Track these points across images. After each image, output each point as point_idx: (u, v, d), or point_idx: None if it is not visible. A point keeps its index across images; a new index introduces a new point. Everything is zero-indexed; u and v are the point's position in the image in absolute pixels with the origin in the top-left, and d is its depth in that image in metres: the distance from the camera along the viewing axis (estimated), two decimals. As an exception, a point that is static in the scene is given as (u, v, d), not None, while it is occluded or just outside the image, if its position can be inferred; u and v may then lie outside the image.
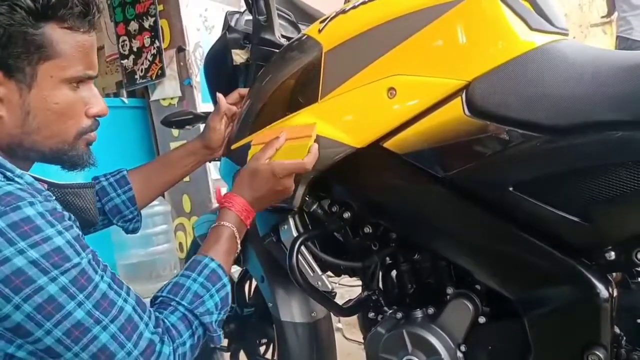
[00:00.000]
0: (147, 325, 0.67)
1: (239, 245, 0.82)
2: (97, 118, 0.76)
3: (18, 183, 0.63)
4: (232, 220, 0.81)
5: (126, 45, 2.90)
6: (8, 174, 0.63)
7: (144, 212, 1.08)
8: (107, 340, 0.63)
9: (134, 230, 1.06)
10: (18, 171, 0.65)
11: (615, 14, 2.65)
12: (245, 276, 1.34)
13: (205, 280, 0.75)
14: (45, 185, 0.72)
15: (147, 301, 0.73)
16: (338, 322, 2.07)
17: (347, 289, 2.01)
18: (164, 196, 2.91)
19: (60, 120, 0.70)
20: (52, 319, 0.59)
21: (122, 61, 2.91)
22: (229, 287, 0.78)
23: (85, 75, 0.71)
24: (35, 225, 0.60)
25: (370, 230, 0.91)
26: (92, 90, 0.75)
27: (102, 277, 0.65)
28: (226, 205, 0.82)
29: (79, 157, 0.75)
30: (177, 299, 0.72)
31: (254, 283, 1.33)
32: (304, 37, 0.90)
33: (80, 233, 0.67)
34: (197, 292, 0.73)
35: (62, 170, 0.77)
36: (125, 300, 0.66)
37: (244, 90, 1.01)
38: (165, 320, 0.70)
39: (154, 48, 2.79)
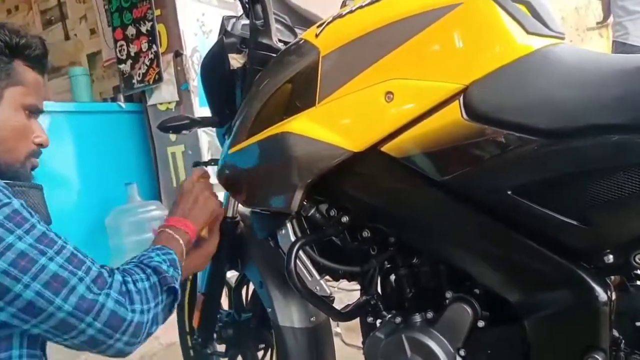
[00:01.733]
0: (93, 262, 0.74)
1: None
2: (40, 148, 0.88)
3: None
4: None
5: (124, 50, 2.89)
6: None
7: (141, 216, 1.08)
8: (57, 269, 0.68)
9: None
10: None
11: (611, 18, 2.66)
12: (242, 281, 1.34)
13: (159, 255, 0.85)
14: None
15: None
16: (337, 327, 2.06)
17: (346, 293, 2.01)
18: (161, 200, 2.91)
19: (16, 138, 0.83)
20: None
21: (119, 66, 2.90)
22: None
23: (37, 108, 0.86)
24: None
25: (369, 235, 0.91)
26: (37, 125, 0.88)
27: (38, 221, 0.71)
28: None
29: (25, 178, 0.85)
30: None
31: (252, 288, 1.32)
32: (301, 42, 0.90)
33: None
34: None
35: None
36: (66, 242, 0.73)
37: None
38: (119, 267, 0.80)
39: (152, 53, 2.78)
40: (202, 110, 2.71)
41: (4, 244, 0.65)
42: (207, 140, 2.76)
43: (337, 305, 1.00)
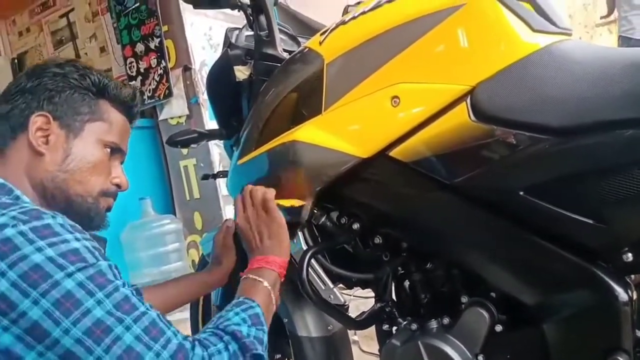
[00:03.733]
0: (175, 333, 0.66)
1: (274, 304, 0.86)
2: (117, 190, 0.86)
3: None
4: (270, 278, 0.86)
5: (133, 66, 2.93)
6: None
7: (156, 230, 1.08)
8: (132, 341, 0.61)
9: None
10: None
11: (615, 13, 2.61)
12: (257, 292, 1.33)
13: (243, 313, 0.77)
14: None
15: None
16: (354, 335, 2.04)
17: (362, 300, 2.00)
18: (175, 214, 2.92)
19: (90, 172, 0.80)
20: (71, 315, 0.59)
21: (130, 82, 2.94)
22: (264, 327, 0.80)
23: (119, 147, 0.84)
24: (54, 230, 0.63)
25: (381, 241, 0.90)
26: (119, 167, 0.86)
27: (123, 284, 0.66)
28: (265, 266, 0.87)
29: (96, 215, 0.82)
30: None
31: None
32: (305, 50, 0.90)
33: (102, 250, 0.69)
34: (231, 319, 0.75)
35: None
36: (148, 309, 0.66)
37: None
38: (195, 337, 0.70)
39: (161, 68, 2.81)
40: (212, 123, 2.73)
41: (82, 309, 0.60)
42: (218, 152, 2.78)
43: (354, 313, 0.99)
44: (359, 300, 1.98)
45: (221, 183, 2.76)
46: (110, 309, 0.62)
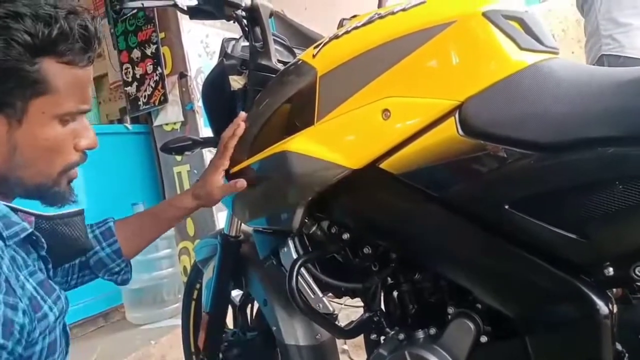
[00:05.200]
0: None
1: None
2: (85, 151, 0.72)
3: None
4: None
5: (129, 72, 2.94)
6: None
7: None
8: None
9: (123, 282, 1.03)
10: None
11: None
12: (247, 300, 1.34)
13: None
14: (32, 218, 0.70)
15: (150, 327, 0.68)
16: (344, 344, 2.05)
17: (353, 310, 2.00)
18: (168, 220, 2.92)
19: (47, 157, 0.67)
20: None
21: (125, 88, 2.95)
22: None
23: (79, 111, 0.68)
24: None
25: (370, 251, 0.91)
26: (82, 122, 0.70)
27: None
28: None
29: (60, 195, 0.72)
30: None
31: (256, 306, 1.32)
32: (299, 62, 0.91)
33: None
34: None
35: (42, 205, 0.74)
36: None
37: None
38: None
39: (157, 74, 2.82)
40: (207, 130, 2.74)
41: None
42: (212, 159, 2.79)
43: (344, 322, 0.99)
44: (350, 310, 1.99)
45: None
46: None
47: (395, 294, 0.96)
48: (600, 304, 0.68)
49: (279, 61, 1.05)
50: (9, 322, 0.55)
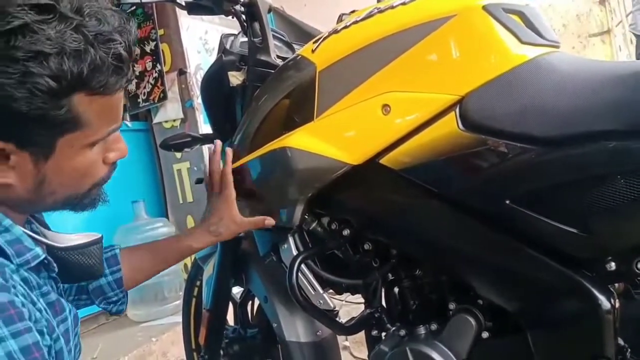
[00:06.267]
0: None
1: None
2: (114, 168, 0.70)
3: None
4: None
5: (129, 69, 2.93)
6: None
7: (149, 233, 1.06)
8: None
9: (118, 312, 0.96)
10: (6, 222, 0.61)
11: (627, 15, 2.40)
12: (247, 297, 1.34)
13: None
14: (44, 247, 0.68)
15: (152, 324, 0.68)
16: (345, 341, 2.05)
17: (354, 306, 2.00)
18: (168, 217, 2.92)
19: (76, 181, 0.64)
20: None
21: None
22: None
23: (110, 133, 0.64)
24: None
25: (370, 247, 0.91)
26: (115, 139, 0.67)
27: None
28: None
29: (90, 201, 0.70)
30: None
31: (257, 303, 1.32)
32: (298, 58, 0.91)
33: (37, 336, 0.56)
34: None
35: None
36: None
37: None
38: None
39: (156, 72, 2.81)
40: (206, 126, 2.73)
41: None
42: (212, 156, 2.78)
43: (345, 318, 0.99)
44: (351, 306, 1.99)
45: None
46: (13, 351, 0.51)
47: (396, 289, 0.96)
48: (602, 298, 0.68)
49: (278, 57, 1.04)
50: (43, 348, 0.56)
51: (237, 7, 1.00)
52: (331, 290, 1.01)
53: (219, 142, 0.99)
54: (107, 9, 0.58)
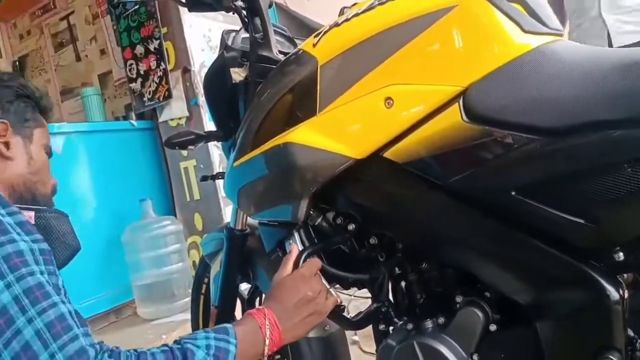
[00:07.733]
0: (85, 334, 0.61)
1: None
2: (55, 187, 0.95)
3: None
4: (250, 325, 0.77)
5: (133, 68, 2.93)
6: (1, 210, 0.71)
7: (156, 231, 1.08)
8: (31, 336, 0.57)
9: None
10: (10, 208, 0.72)
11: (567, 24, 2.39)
12: (255, 293, 1.34)
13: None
14: (32, 213, 0.83)
15: (161, 322, 0.72)
16: (354, 335, 2.05)
17: (363, 301, 2.00)
18: (175, 215, 2.93)
19: (45, 173, 0.92)
20: None
21: (130, 84, 2.95)
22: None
23: (51, 149, 0.96)
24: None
25: (376, 241, 0.91)
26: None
27: (41, 272, 0.64)
28: (252, 313, 0.80)
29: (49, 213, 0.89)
30: None
31: (264, 299, 1.32)
32: (299, 52, 0.90)
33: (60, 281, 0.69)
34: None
35: None
36: (62, 301, 0.62)
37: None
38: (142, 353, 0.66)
39: (160, 70, 2.82)
40: (212, 124, 2.73)
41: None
42: (218, 154, 2.78)
43: (354, 313, 0.99)
44: (360, 301, 1.99)
45: (221, 184, 2.75)
46: (19, 294, 0.58)
47: (402, 283, 0.96)
48: (610, 289, 0.67)
49: (280, 52, 1.04)
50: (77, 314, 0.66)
51: (238, 2, 1.00)
52: (338, 285, 1.01)
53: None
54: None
